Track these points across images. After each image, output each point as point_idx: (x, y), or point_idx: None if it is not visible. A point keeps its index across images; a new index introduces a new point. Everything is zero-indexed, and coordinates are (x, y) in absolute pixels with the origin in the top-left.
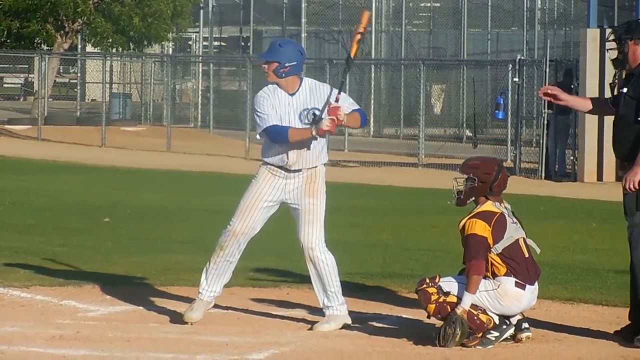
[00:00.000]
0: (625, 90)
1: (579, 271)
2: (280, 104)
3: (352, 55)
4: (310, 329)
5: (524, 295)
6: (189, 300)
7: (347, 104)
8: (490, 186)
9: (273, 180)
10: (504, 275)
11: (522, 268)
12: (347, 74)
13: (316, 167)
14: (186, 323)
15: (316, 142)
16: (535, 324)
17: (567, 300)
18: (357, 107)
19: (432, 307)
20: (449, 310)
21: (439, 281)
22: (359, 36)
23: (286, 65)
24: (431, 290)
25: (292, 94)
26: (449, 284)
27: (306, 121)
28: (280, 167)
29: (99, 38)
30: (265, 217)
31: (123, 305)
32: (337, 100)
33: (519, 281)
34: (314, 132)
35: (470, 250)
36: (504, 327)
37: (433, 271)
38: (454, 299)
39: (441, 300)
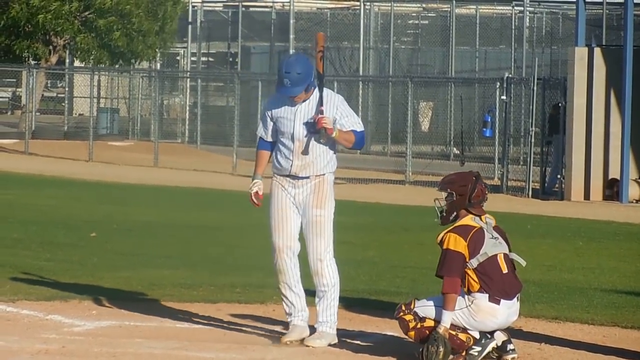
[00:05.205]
0: None
1: (566, 290)
2: (287, 111)
3: (320, 71)
4: (301, 342)
5: (499, 309)
6: (176, 315)
7: (346, 121)
8: (468, 198)
9: (284, 190)
10: (477, 291)
11: (496, 284)
12: (323, 89)
13: (324, 174)
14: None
15: (321, 150)
16: (522, 343)
17: (554, 319)
18: (357, 128)
19: (412, 333)
20: (428, 334)
21: (414, 307)
22: (320, 54)
23: (312, 79)
24: (408, 317)
25: (302, 101)
26: (425, 309)
27: (312, 129)
28: (288, 176)
29: (83, 52)
30: (297, 225)
31: (109, 320)
32: (321, 112)
33: (493, 296)
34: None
35: (445, 266)
36: (485, 340)
37: (420, 288)
38: (432, 323)
39: (419, 326)
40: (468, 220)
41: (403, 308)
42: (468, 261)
